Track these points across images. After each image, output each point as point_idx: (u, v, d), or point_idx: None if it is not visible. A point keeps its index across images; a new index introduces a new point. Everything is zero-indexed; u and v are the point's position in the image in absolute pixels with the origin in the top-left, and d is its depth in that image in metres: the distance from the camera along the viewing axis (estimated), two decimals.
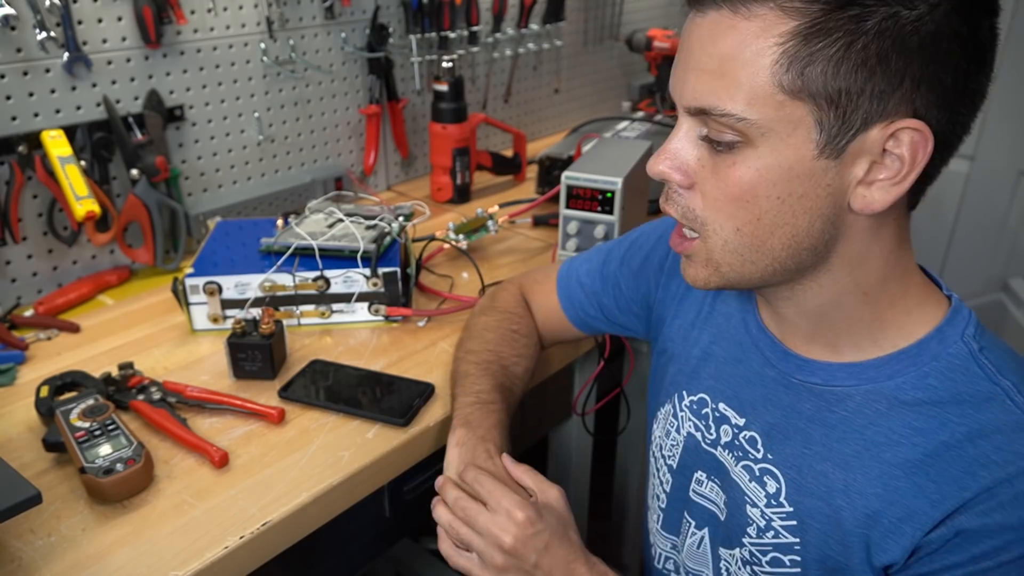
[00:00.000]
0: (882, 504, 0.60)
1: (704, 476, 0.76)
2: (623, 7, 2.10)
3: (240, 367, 0.95)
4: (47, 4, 1.06)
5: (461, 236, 1.26)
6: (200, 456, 0.82)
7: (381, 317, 1.08)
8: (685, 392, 0.78)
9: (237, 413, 0.89)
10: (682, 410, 0.78)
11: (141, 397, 0.89)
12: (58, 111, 1.13)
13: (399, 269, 1.07)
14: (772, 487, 0.67)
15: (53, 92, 1.11)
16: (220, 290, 1.04)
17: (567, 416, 1.29)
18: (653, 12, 2.24)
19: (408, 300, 1.10)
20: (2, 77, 1.06)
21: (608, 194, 1.14)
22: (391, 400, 0.91)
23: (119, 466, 0.76)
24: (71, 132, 1.12)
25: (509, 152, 1.69)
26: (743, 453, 0.71)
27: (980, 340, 0.61)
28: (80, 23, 1.11)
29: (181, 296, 1.04)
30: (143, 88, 1.21)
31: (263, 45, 1.34)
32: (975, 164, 2.01)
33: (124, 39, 1.17)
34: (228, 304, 1.05)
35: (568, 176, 1.16)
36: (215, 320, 1.06)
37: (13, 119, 1.08)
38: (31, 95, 1.09)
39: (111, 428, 0.81)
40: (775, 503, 0.67)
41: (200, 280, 1.04)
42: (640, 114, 1.88)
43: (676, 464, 0.79)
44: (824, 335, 0.65)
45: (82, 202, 1.08)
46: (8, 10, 1.03)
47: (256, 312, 1.04)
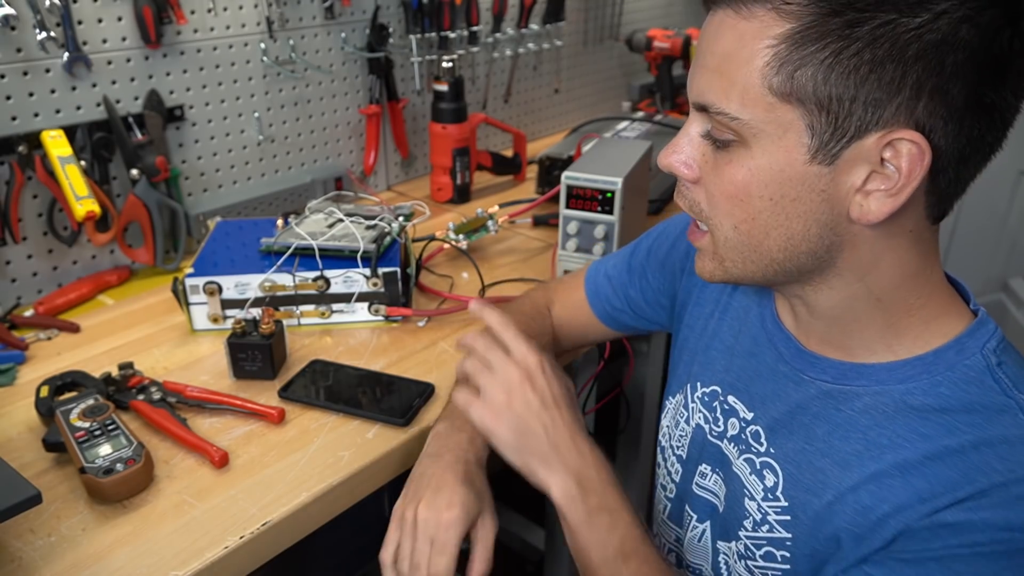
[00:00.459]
0: (873, 500, 0.59)
1: (708, 469, 0.76)
2: (623, 7, 2.10)
3: (240, 367, 0.95)
4: (47, 4, 1.06)
5: (461, 236, 1.26)
6: (200, 456, 0.82)
7: (381, 317, 1.08)
8: (699, 383, 0.78)
9: (237, 413, 0.89)
10: (693, 401, 0.79)
11: (141, 397, 0.89)
12: (58, 111, 1.13)
13: (399, 269, 1.07)
14: (770, 480, 0.67)
15: (53, 92, 1.11)
16: (220, 290, 1.04)
17: None
18: (653, 12, 2.24)
19: (408, 300, 1.10)
20: (2, 77, 1.06)
21: (608, 194, 1.14)
22: (391, 400, 0.91)
23: (119, 466, 0.76)
24: (71, 132, 1.12)
25: (509, 152, 1.69)
26: (747, 446, 0.71)
27: (1000, 355, 0.60)
28: (80, 23, 1.12)
29: (181, 296, 1.04)
30: (143, 88, 1.21)
31: (263, 45, 1.34)
32: None
33: (124, 39, 1.17)
34: (228, 304, 1.05)
35: (568, 176, 1.16)
36: (215, 320, 1.06)
37: (13, 119, 1.08)
38: (31, 95, 1.09)
39: (111, 428, 0.81)
40: (771, 497, 0.67)
41: (200, 280, 1.04)
42: (640, 114, 1.88)
43: (686, 454, 0.79)
44: (837, 336, 0.65)
45: (82, 202, 1.08)
46: (8, 10, 1.03)
47: (256, 312, 1.04)
